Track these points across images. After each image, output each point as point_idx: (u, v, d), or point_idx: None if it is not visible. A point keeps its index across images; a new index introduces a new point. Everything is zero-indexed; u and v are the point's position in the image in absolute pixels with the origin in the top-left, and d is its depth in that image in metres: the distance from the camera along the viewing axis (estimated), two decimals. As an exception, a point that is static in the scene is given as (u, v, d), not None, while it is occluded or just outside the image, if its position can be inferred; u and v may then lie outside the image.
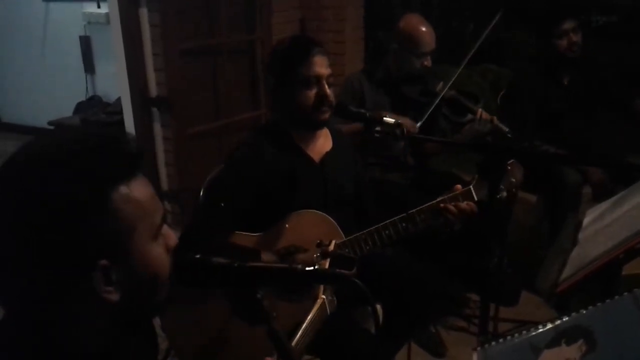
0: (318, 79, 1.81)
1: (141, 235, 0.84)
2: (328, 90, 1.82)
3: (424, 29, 2.64)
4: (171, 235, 0.92)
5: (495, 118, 2.57)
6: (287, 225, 1.82)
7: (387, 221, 1.85)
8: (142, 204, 0.84)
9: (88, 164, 0.80)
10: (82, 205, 0.78)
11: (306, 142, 1.93)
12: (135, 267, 0.84)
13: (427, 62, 2.65)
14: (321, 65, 1.82)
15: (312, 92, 1.81)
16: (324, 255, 1.50)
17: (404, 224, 1.84)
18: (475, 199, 1.87)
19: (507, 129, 2.56)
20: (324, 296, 1.46)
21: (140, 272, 0.85)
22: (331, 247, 1.56)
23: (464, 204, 1.85)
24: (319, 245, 1.54)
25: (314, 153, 1.94)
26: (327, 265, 1.44)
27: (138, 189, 0.84)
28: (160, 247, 0.88)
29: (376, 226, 1.84)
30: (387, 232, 1.84)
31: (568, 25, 2.89)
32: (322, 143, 1.98)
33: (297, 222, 1.82)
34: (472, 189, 1.88)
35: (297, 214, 1.83)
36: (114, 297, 0.82)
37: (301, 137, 1.92)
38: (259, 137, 1.90)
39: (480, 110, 2.58)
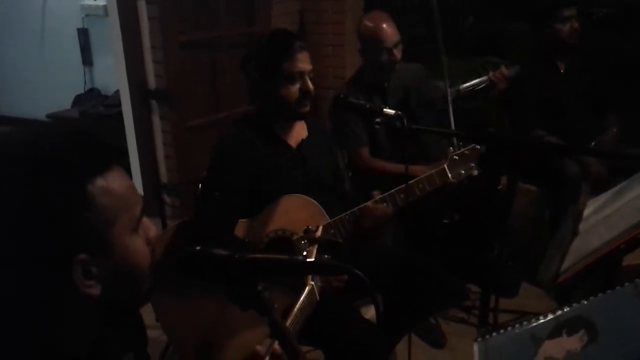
0: (301, 74, 1.88)
1: (121, 227, 0.83)
2: (311, 86, 1.90)
3: (384, 25, 2.64)
4: (151, 227, 0.91)
5: (503, 67, 2.77)
6: (274, 210, 1.90)
7: (368, 202, 1.93)
8: (120, 196, 0.83)
9: (62, 157, 0.79)
10: (58, 199, 0.77)
11: (284, 131, 2.01)
12: (115, 260, 0.83)
13: (398, 53, 2.66)
14: (304, 61, 1.89)
15: (296, 87, 1.89)
16: (312, 241, 1.50)
17: (384, 204, 1.92)
18: (450, 176, 1.98)
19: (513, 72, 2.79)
20: (312, 282, 1.46)
21: (121, 265, 0.84)
22: (318, 233, 1.56)
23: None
24: (306, 231, 1.54)
25: (292, 141, 2.03)
26: (315, 252, 1.46)
27: (115, 181, 0.83)
28: (140, 239, 0.87)
29: (358, 206, 1.92)
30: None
31: (569, 12, 2.92)
32: (298, 131, 2.05)
33: (284, 207, 1.90)
34: (445, 167, 1.99)
35: (283, 199, 1.91)
36: (95, 291, 0.81)
37: (280, 127, 2.00)
38: (241, 128, 1.99)
39: (490, 74, 2.75)
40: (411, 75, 2.84)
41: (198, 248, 0.91)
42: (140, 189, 3.87)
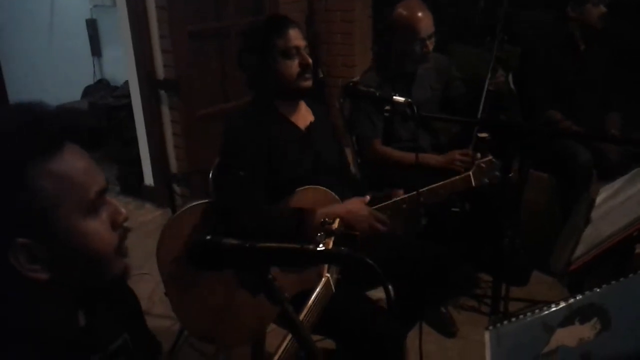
0: (297, 49, 1.93)
1: (69, 210, 0.81)
2: (309, 59, 1.94)
3: (419, 14, 2.54)
4: (119, 211, 0.88)
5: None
6: (293, 202, 1.90)
7: (389, 202, 1.94)
8: (68, 178, 0.81)
9: None
10: None
11: (291, 113, 2.04)
12: (65, 244, 0.81)
13: (431, 45, 2.59)
14: (297, 38, 1.94)
15: (295, 62, 1.93)
16: (328, 233, 1.50)
17: (404, 205, 1.94)
18: (473, 184, 1.98)
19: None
20: (328, 274, 1.46)
21: (73, 248, 0.82)
22: (335, 225, 1.56)
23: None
24: (323, 223, 1.54)
25: (300, 123, 2.05)
26: (331, 243, 1.46)
27: (62, 164, 0.81)
28: (97, 221, 0.84)
29: (378, 205, 1.92)
30: (388, 212, 1.92)
31: None
32: (305, 115, 2.08)
33: (302, 198, 1.90)
34: (471, 174, 1.99)
35: (301, 190, 1.91)
36: (42, 275, 0.79)
37: (286, 109, 2.02)
38: (248, 111, 2.03)
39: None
40: (436, 65, 2.79)
41: (208, 237, 0.90)
42: (150, 179, 3.89)
